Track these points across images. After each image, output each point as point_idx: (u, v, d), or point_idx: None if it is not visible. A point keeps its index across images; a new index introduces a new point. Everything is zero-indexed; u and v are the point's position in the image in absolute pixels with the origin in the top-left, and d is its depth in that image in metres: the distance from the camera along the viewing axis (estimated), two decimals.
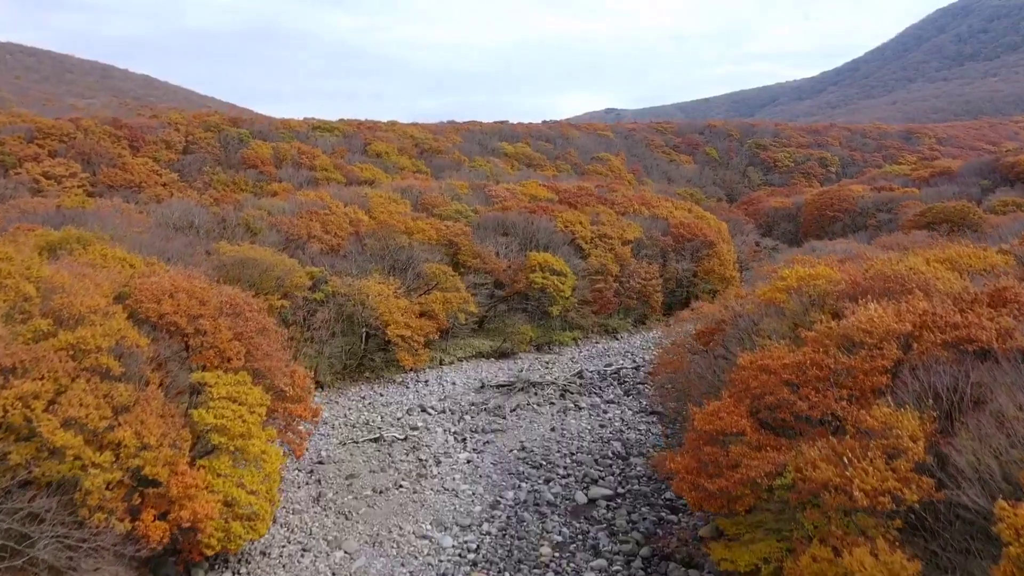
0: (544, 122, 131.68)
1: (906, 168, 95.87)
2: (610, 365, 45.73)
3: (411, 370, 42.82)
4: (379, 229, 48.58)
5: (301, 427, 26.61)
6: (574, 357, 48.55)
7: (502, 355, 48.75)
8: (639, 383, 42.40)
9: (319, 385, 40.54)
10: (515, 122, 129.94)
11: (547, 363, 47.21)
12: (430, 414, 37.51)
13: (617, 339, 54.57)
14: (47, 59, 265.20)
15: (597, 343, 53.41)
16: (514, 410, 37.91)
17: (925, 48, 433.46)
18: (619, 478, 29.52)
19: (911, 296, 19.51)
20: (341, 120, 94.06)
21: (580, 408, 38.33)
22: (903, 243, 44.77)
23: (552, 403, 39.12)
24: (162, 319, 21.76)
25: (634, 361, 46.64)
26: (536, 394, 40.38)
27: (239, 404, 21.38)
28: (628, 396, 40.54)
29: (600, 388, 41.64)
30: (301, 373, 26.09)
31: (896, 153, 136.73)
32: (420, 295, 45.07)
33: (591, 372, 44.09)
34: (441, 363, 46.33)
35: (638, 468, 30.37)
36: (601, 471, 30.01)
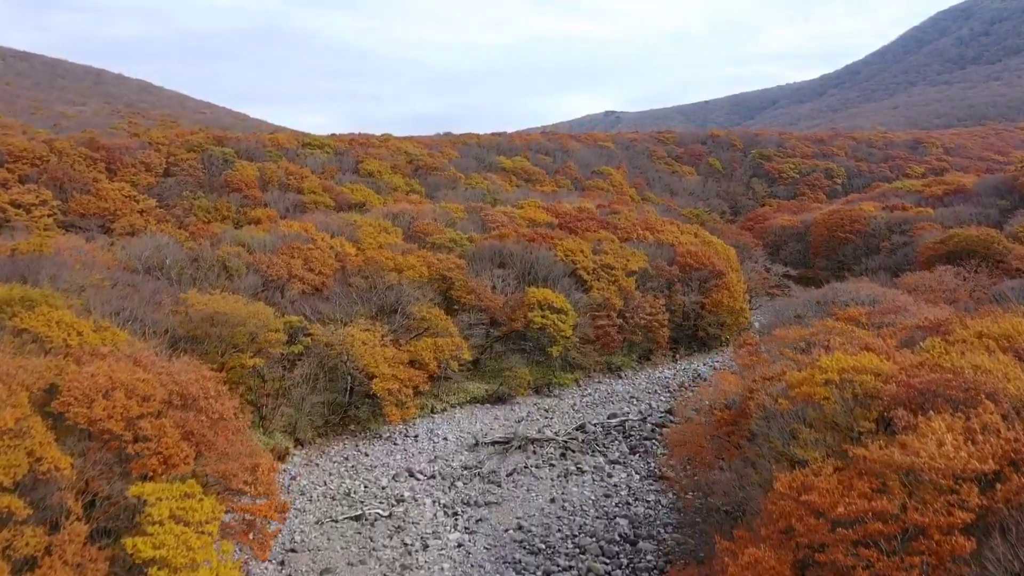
0: (543, 133, 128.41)
1: (917, 184, 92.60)
2: (614, 415, 42.45)
3: (400, 421, 39.59)
4: (366, 265, 45.35)
5: (267, 527, 23.34)
6: (575, 404, 45.31)
7: (498, 400, 45.56)
8: (646, 438, 39.15)
9: (298, 443, 37.38)
10: (512, 131, 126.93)
11: (547, 411, 43.99)
12: (418, 480, 34.27)
13: (621, 378, 51.37)
14: (39, 64, 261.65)
15: (599, 383, 50.21)
16: (511, 474, 34.69)
17: (926, 51, 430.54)
18: (628, 572, 26.26)
19: (980, 409, 16.31)
20: (332, 136, 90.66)
21: (583, 471, 35.08)
22: (930, 284, 41.63)
23: (552, 464, 35.89)
24: (94, 425, 18.52)
25: (640, 411, 43.30)
26: (535, 452, 37.18)
27: (185, 524, 18.14)
28: (635, 455, 37.29)
29: (604, 445, 38.38)
30: (266, 465, 22.80)
31: (903, 164, 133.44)
32: (409, 339, 41.86)
33: (594, 425, 40.79)
34: (432, 411, 43.14)
35: (648, 557, 27.11)
36: (608, 563, 26.72)
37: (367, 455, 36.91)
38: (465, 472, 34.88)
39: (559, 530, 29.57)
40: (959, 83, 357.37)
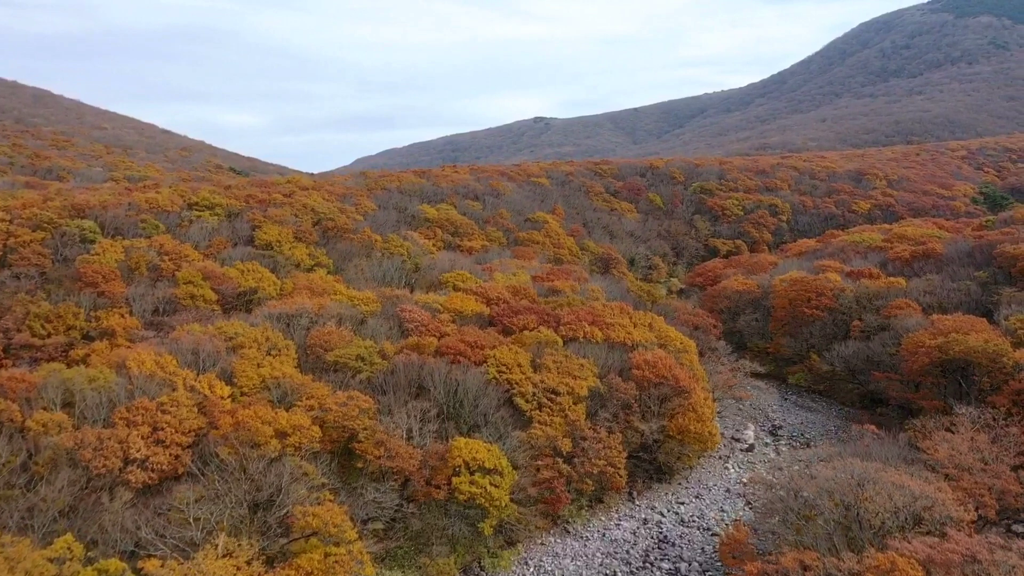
0: (472, 170, 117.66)
1: (878, 238, 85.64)
2: None
3: None
4: (238, 431, 34.25)
5: None
6: None
7: None
8: None
9: None
10: (438, 169, 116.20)
11: None
12: None
13: (569, 532, 41.79)
14: None
15: (543, 544, 40.50)
16: None
17: (850, 63, 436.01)
18: None
19: None
20: (229, 188, 77.91)
21: None
22: (964, 457, 32.94)
23: None
24: None
25: None
26: None
27: None
28: None
29: None
30: None
31: (849, 199, 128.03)
32: (290, 543, 31.06)
33: None
34: None
35: None
36: None
37: None
38: None
39: None
40: (883, 96, 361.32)
